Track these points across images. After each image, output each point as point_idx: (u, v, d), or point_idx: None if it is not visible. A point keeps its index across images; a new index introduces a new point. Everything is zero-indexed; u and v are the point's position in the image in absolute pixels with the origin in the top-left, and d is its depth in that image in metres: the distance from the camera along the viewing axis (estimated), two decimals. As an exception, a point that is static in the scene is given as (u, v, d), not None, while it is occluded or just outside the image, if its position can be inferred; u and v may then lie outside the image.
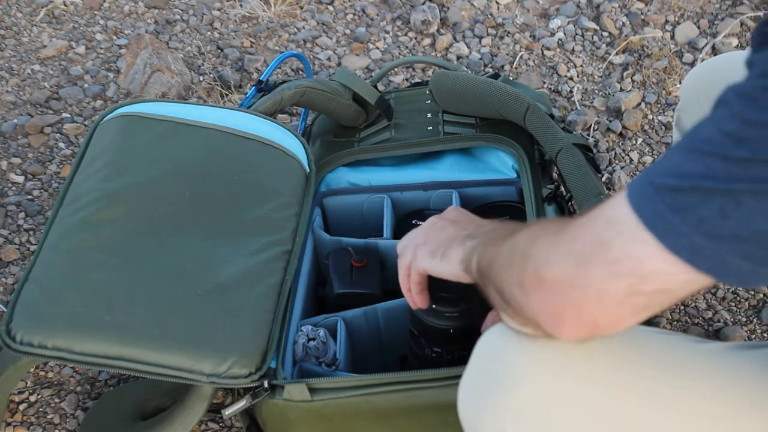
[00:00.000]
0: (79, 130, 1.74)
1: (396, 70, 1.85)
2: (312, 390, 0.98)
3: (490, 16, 1.99)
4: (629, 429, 0.69)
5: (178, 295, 1.01)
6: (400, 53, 1.91)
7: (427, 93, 1.40)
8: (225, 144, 1.18)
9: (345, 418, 1.00)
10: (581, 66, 1.87)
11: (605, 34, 1.94)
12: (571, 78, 1.85)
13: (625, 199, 0.61)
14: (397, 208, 1.29)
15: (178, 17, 2.01)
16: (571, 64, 1.88)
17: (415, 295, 0.93)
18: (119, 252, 1.04)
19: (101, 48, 1.93)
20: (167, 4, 2.04)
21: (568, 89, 1.83)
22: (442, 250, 0.86)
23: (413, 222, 1.28)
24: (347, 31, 1.97)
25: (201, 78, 1.86)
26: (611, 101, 1.79)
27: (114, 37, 1.96)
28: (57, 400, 1.32)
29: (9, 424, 1.29)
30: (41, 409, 1.31)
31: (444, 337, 1.01)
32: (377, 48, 1.92)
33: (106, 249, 1.04)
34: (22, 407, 1.31)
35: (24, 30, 1.98)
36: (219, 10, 2.03)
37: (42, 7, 2.03)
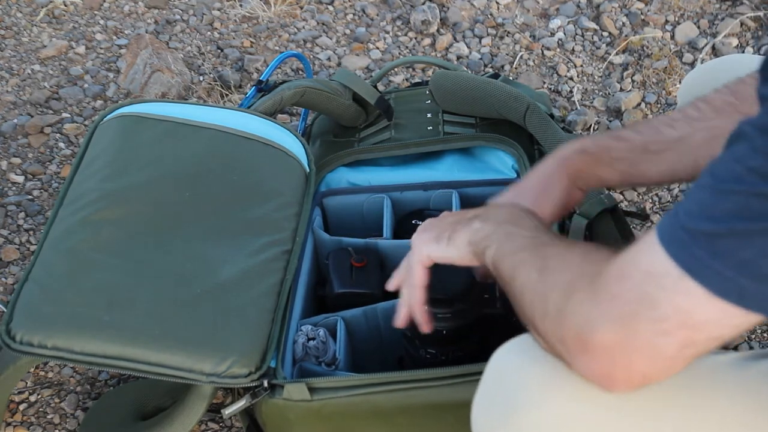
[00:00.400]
0: (79, 130, 1.74)
1: (396, 70, 1.85)
2: (311, 389, 0.98)
3: (490, 16, 1.99)
4: None
5: (177, 295, 1.01)
6: (400, 53, 1.91)
7: (427, 93, 1.40)
8: (225, 144, 1.18)
9: (344, 417, 1.00)
10: (581, 66, 1.87)
11: (605, 34, 1.94)
12: (571, 78, 1.85)
13: (660, 247, 0.60)
14: (397, 208, 1.29)
15: (178, 17, 2.01)
16: (571, 64, 1.88)
17: (416, 305, 0.91)
18: (119, 252, 1.04)
19: (101, 48, 1.93)
20: (167, 4, 2.05)
21: (568, 89, 1.83)
22: (447, 233, 0.85)
23: (413, 222, 1.27)
24: (347, 31, 1.97)
25: (201, 78, 1.86)
26: (611, 101, 1.79)
27: (114, 37, 1.96)
28: (57, 400, 1.32)
29: (9, 424, 1.29)
30: (41, 409, 1.31)
31: (438, 339, 1.01)
32: (377, 48, 1.92)
33: (106, 249, 1.04)
34: (22, 407, 1.31)
35: (24, 30, 1.98)
36: (219, 10, 2.03)
37: (42, 7, 2.03)
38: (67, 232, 1.05)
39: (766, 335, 1.42)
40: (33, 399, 1.32)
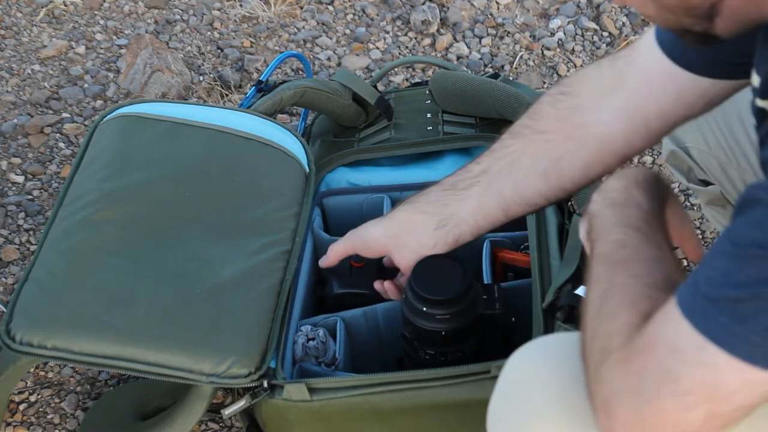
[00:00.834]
0: (79, 130, 1.74)
1: (396, 70, 1.85)
2: (311, 390, 0.98)
3: (490, 16, 1.99)
4: None
5: (177, 295, 1.01)
6: (400, 53, 1.91)
7: (427, 93, 1.40)
8: (225, 144, 1.18)
9: (344, 417, 1.00)
10: (581, 66, 1.87)
11: (605, 34, 1.94)
12: (571, 78, 1.85)
13: (682, 318, 0.59)
14: (397, 208, 1.29)
15: (178, 17, 2.01)
16: (571, 64, 1.88)
17: None
18: (119, 252, 1.04)
19: (101, 48, 1.93)
20: (167, 4, 2.05)
21: (568, 89, 1.83)
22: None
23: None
24: (347, 31, 1.97)
25: (201, 78, 1.86)
26: (611, 101, 1.79)
27: (114, 37, 1.96)
28: (57, 400, 1.32)
29: (9, 424, 1.29)
30: (41, 409, 1.31)
31: (436, 339, 1.01)
32: (377, 48, 1.92)
33: (105, 249, 1.04)
34: (22, 407, 1.31)
35: (24, 30, 1.98)
36: (219, 10, 2.03)
37: (42, 7, 2.03)
38: (67, 232, 1.05)
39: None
40: (33, 399, 1.32)
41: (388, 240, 1.04)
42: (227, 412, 0.99)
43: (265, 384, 0.98)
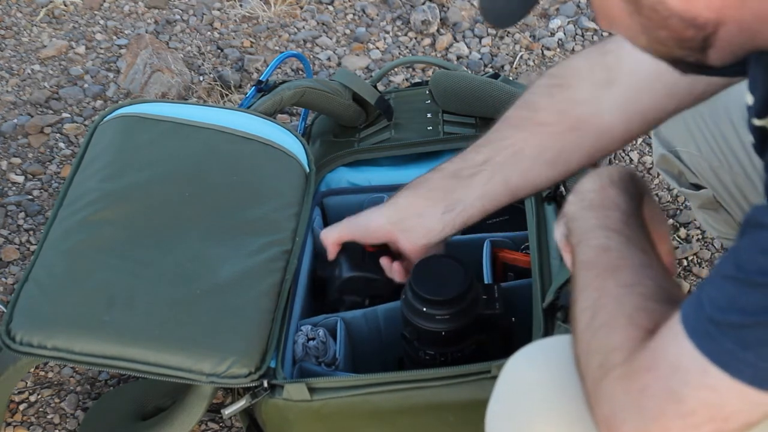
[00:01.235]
0: (79, 130, 1.74)
1: (396, 70, 1.85)
2: (311, 389, 0.98)
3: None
4: None
5: (177, 295, 1.01)
6: (400, 53, 1.91)
7: (427, 93, 1.40)
8: (225, 144, 1.18)
9: (344, 417, 1.00)
10: (581, 66, 1.87)
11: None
12: (571, 78, 1.85)
13: (686, 340, 0.59)
14: (397, 208, 1.29)
15: (178, 17, 2.01)
16: (571, 64, 1.88)
17: None
18: (119, 252, 1.04)
19: (101, 48, 1.93)
20: (167, 4, 2.04)
21: (568, 89, 1.83)
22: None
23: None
24: (347, 31, 1.97)
25: (201, 78, 1.86)
26: (611, 101, 1.79)
27: (114, 37, 1.96)
28: (57, 400, 1.32)
29: (9, 424, 1.29)
30: (41, 409, 1.31)
31: (436, 340, 1.01)
32: (377, 48, 1.92)
33: (105, 249, 1.04)
34: (22, 407, 1.31)
35: (24, 30, 1.98)
36: (219, 10, 2.03)
37: (42, 7, 2.03)
38: (67, 232, 1.05)
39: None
40: (33, 399, 1.32)
41: (392, 226, 1.04)
42: (227, 412, 0.99)
43: (265, 384, 0.98)
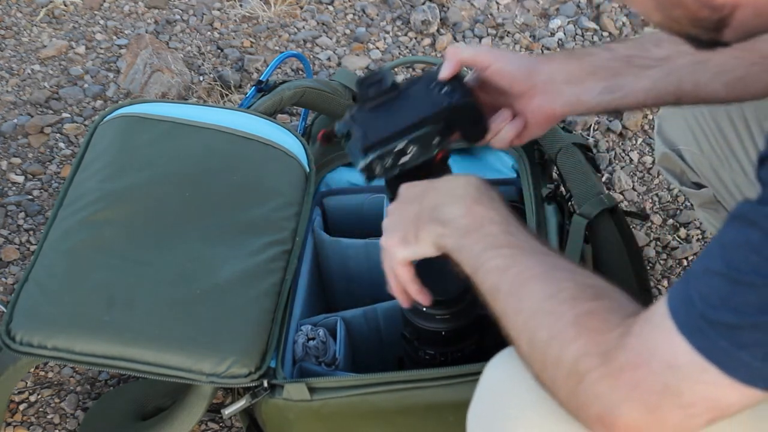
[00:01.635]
0: (79, 130, 1.74)
1: (396, 70, 1.85)
2: (311, 389, 0.98)
3: (490, 16, 1.99)
4: None
5: (177, 295, 1.01)
6: (400, 53, 1.91)
7: (427, 93, 1.39)
8: (225, 144, 1.18)
9: (344, 417, 1.00)
10: (581, 66, 1.87)
11: (605, 34, 1.94)
12: (571, 78, 1.85)
13: (680, 337, 0.60)
14: (397, 208, 1.29)
15: (178, 17, 2.01)
16: (571, 64, 1.88)
17: (415, 295, 0.90)
18: (119, 252, 1.04)
19: (101, 48, 1.93)
20: (167, 4, 2.05)
21: (568, 89, 1.83)
22: (412, 233, 0.82)
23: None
24: (347, 31, 1.97)
25: (201, 78, 1.86)
26: (611, 101, 1.79)
27: (114, 37, 1.96)
28: (57, 400, 1.32)
29: (9, 424, 1.29)
30: (41, 409, 1.31)
31: (436, 340, 1.01)
32: (377, 48, 1.92)
33: (105, 249, 1.04)
34: (22, 407, 1.31)
35: (24, 30, 1.98)
36: (219, 10, 2.03)
37: (42, 7, 2.03)
38: (67, 232, 1.05)
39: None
40: (33, 399, 1.32)
41: (537, 79, 0.93)
42: (227, 412, 0.99)
43: (265, 384, 0.98)
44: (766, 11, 0.59)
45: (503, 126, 0.94)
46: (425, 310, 0.99)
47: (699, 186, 1.20)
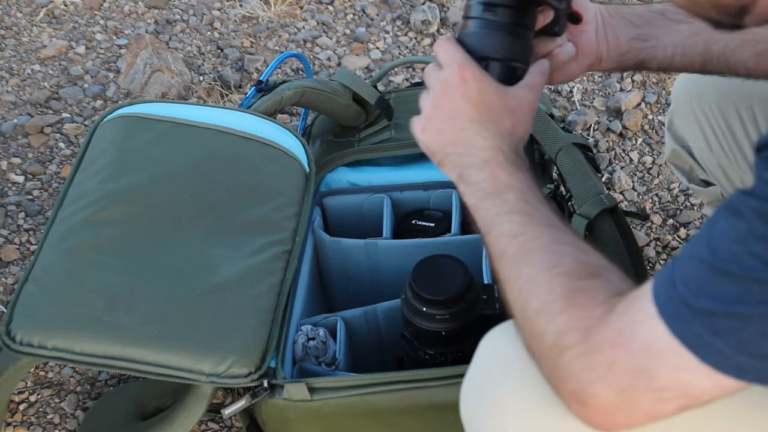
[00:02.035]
0: (79, 130, 1.74)
1: (396, 70, 1.85)
2: (311, 389, 0.98)
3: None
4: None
5: (177, 295, 1.01)
6: (400, 53, 1.91)
7: (427, 93, 1.39)
8: (225, 144, 1.18)
9: (344, 417, 1.00)
10: (581, 66, 1.87)
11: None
12: (571, 78, 1.85)
13: (659, 321, 0.60)
14: (397, 208, 1.29)
15: (178, 17, 2.01)
16: (571, 64, 1.88)
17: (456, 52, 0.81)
18: (119, 252, 1.04)
19: (101, 48, 1.93)
20: (167, 4, 2.05)
21: (568, 89, 1.83)
22: (437, 158, 0.84)
23: (413, 222, 1.28)
24: (347, 31, 1.97)
25: (201, 78, 1.86)
26: (611, 101, 1.79)
27: (114, 37, 1.96)
28: (57, 400, 1.32)
29: (9, 424, 1.29)
30: (41, 409, 1.31)
31: (436, 339, 1.01)
32: (377, 48, 1.92)
33: (105, 249, 1.04)
34: (22, 407, 1.31)
35: (24, 30, 1.98)
36: (219, 10, 2.03)
37: (42, 7, 2.03)
38: (67, 232, 1.05)
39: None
40: (33, 399, 1.32)
41: (587, 13, 0.91)
42: (227, 412, 0.99)
43: (265, 384, 0.98)
44: None
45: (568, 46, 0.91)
46: (425, 310, 0.99)
47: (707, 184, 1.20)
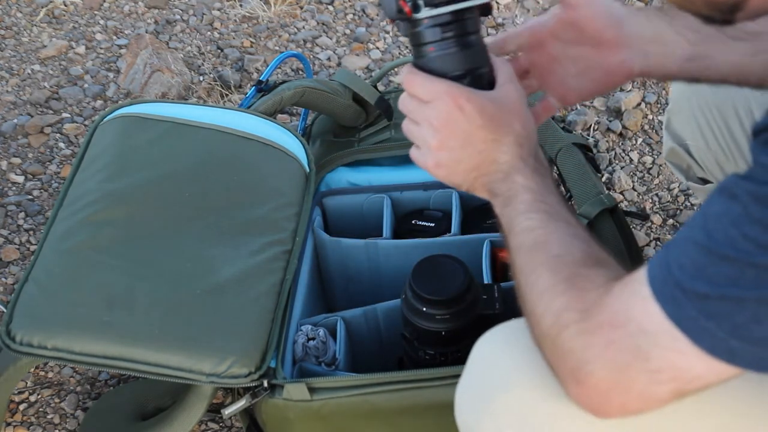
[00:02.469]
0: (79, 130, 1.74)
1: (396, 70, 1.85)
2: (311, 389, 0.98)
3: (489, 16, 1.99)
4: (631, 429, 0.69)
5: (177, 295, 1.01)
6: (400, 53, 1.91)
7: (427, 93, 1.39)
8: (225, 144, 1.18)
9: (344, 417, 1.00)
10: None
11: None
12: (571, 78, 1.85)
13: (654, 303, 0.61)
14: (397, 208, 1.29)
15: (178, 17, 2.01)
16: (571, 64, 1.87)
17: None
18: (119, 252, 1.04)
19: (101, 48, 1.93)
20: (167, 4, 2.05)
21: (568, 89, 1.83)
22: (467, 184, 0.79)
23: (413, 222, 1.28)
24: (347, 31, 1.97)
25: (201, 78, 1.86)
26: (611, 101, 1.79)
27: (114, 37, 1.96)
28: (57, 400, 1.32)
29: (9, 424, 1.29)
30: (41, 409, 1.31)
31: (436, 339, 1.01)
32: (377, 48, 1.92)
33: (105, 249, 1.04)
34: (22, 407, 1.31)
35: (24, 30, 1.98)
36: (219, 10, 2.03)
37: (42, 7, 2.03)
38: (67, 232, 1.05)
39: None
40: (33, 399, 1.32)
41: (628, 31, 0.85)
42: (227, 412, 0.99)
43: (266, 384, 0.98)
44: None
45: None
46: (425, 310, 0.99)
47: (705, 181, 1.20)
